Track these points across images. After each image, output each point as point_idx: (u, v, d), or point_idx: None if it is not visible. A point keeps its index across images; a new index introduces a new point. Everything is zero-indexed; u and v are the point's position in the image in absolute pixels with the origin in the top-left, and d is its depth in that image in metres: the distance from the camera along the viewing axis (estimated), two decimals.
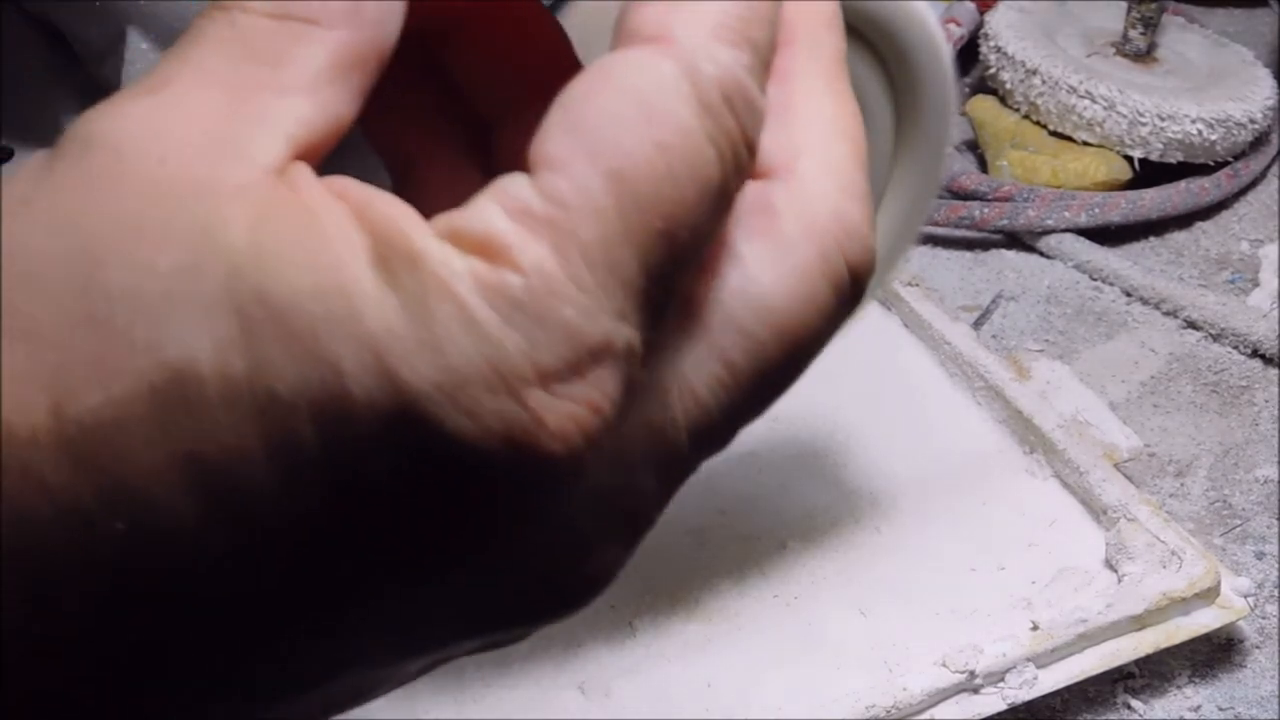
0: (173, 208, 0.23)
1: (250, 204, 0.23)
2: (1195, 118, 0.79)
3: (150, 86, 0.24)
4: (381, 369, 0.22)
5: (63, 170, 0.24)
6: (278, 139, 0.24)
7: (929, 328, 0.68)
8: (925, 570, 0.59)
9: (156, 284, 0.23)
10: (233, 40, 0.25)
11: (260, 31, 0.25)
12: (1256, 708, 0.57)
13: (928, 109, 0.50)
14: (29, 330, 0.23)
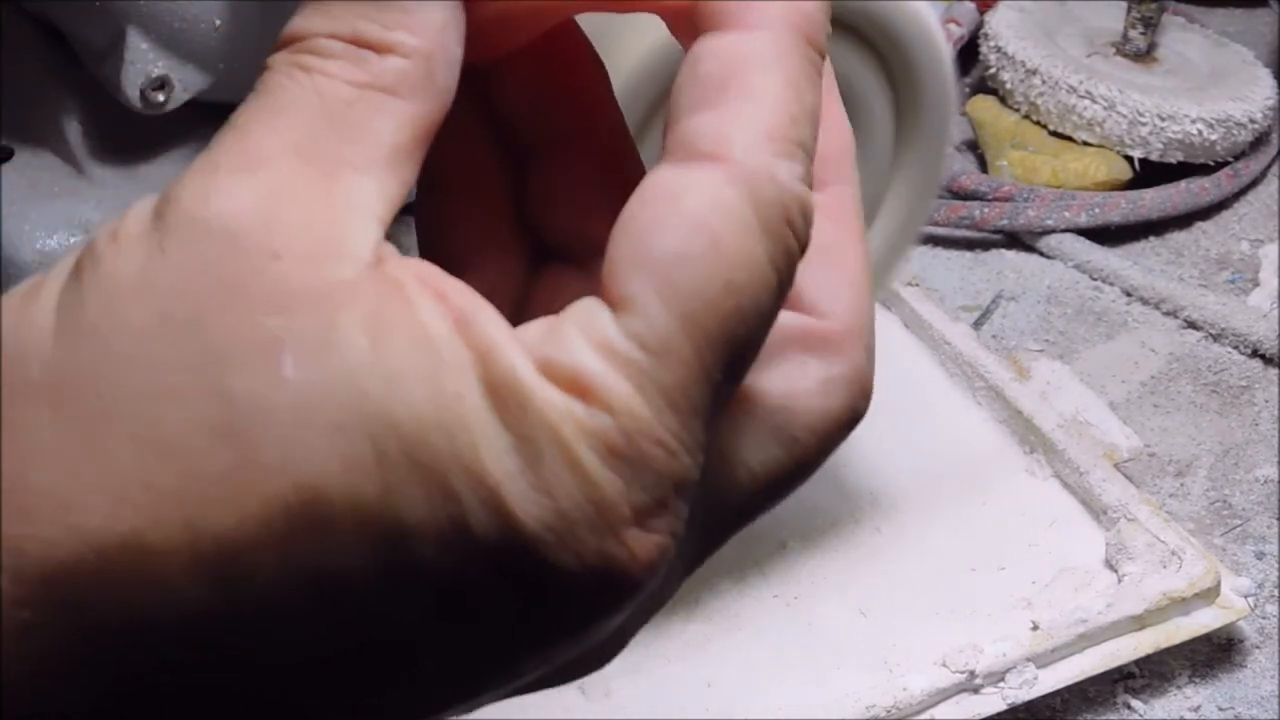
0: (293, 312, 0.24)
1: (364, 310, 0.24)
2: (1195, 118, 0.79)
3: (247, 162, 0.25)
4: (499, 507, 0.24)
5: (178, 256, 0.24)
6: (370, 226, 0.25)
7: (929, 328, 0.68)
8: (925, 570, 0.59)
9: (285, 396, 0.24)
10: (318, 109, 0.26)
11: (342, 101, 0.26)
12: (1256, 708, 0.57)
13: (928, 109, 0.50)
14: (159, 439, 0.24)
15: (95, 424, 0.24)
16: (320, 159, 0.25)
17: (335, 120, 0.26)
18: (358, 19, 0.26)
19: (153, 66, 0.69)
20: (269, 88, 0.26)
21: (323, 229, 0.25)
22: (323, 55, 0.26)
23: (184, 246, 0.24)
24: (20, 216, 0.71)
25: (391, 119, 0.26)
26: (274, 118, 0.26)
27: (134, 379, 0.24)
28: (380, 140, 0.26)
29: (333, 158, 0.25)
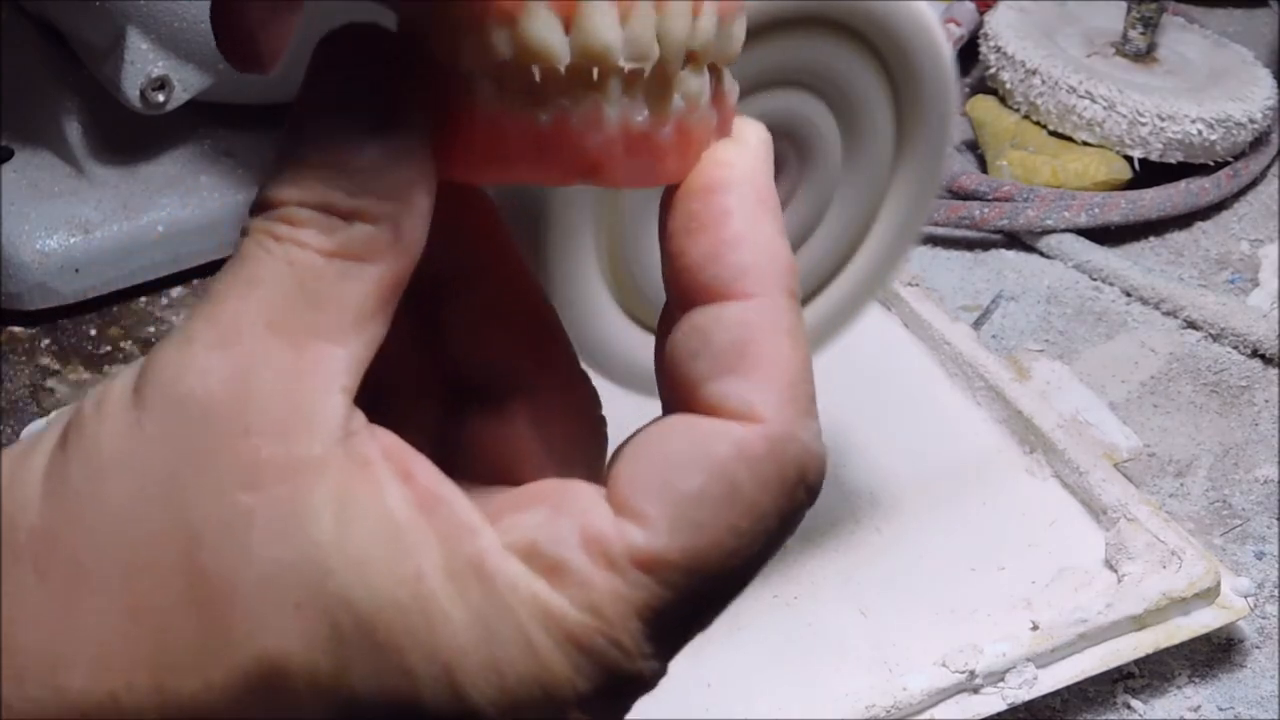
0: (263, 490, 0.25)
1: (331, 488, 0.26)
2: (1195, 118, 0.79)
3: (221, 336, 0.26)
4: (450, 682, 0.25)
5: (156, 432, 0.26)
6: (338, 398, 0.26)
7: (929, 328, 0.68)
8: (925, 570, 0.59)
9: (252, 572, 0.25)
10: (288, 280, 0.27)
11: (312, 270, 0.27)
12: (1256, 708, 0.57)
13: (928, 109, 0.50)
14: (135, 608, 0.25)
15: (78, 589, 0.25)
16: (290, 331, 0.26)
17: (305, 290, 0.27)
18: (327, 187, 0.27)
19: (153, 66, 0.69)
20: (244, 257, 0.27)
21: (292, 404, 0.26)
22: (294, 224, 0.27)
23: (161, 424, 0.26)
24: (20, 216, 0.71)
25: (359, 284, 0.27)
26: (247, 289, 0.27)
27: (113, 550, 0.26)
28: (348, 307, 0.27)
29: (302, 329, 0.27)
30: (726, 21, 0.30)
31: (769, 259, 0.29)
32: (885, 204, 0.52)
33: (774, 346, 0.28)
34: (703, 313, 0.28)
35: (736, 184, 0.29)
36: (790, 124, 0.48)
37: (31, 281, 0.71)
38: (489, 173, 0.29)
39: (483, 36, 0.28)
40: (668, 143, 0.29)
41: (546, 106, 0.28)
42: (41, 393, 0.68)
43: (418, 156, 0.28)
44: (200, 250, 0.73)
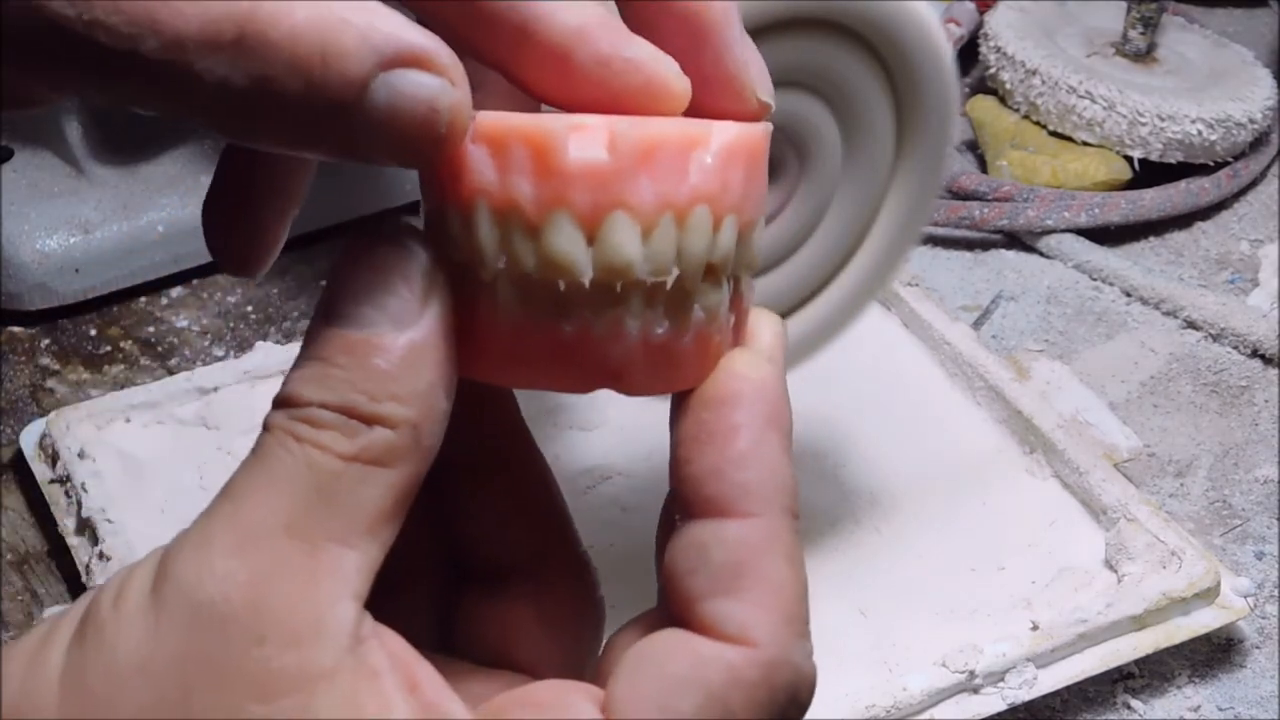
0: (275, 699, 0.26)
1: (340, 699, 0.26)
2: (1195, 118, 0.79)
3: (239, 540, 0.27)
4: None
5: (173, 637, 0.27)
6: (350, 605, 0.27)
7: (929, 328, 0.68)
8: (925, 570, 0.59)
9: None
10: (307, 483, 0.27)
11: (331, 474, 0.27)
12: (1256, 708, 0.57)
13: (928, 109, 0.50)
14: None
15: None
16: (307, 535, 0.27)
17: (323, 493, 0.27)
18: (350, 390, 0.28)
19: None
20: (264, 455, 0.28)
21: (306, 611, 0.27)
22: (315, 425, 0.28)
23: (178, 629, 0.27)
24: (20, 216, 0.71)
25: (376, 489, 0.28)
26: (266, 489, 0.27)
27: None
28: (364, 512, 0.27)
29: (319, 533, 0.27)
30: (746, 234, 0.30)
31: (772, 479, 0.29)
32: (885, 204, 0.52)
33: (771, 569, 0.29)
34: (704, 528, 0.29)
35: (748, 399, 0.30)
36: (790, 124, 0.48)
37: (31, 281, 0.71)
38: (509, 377, 0.30)
39: (507, 247, 0.29)
40: (687, 352, 0.30)
41: (569, 318, 0.29)
42: (41, 393, 0.68)
43: (441, 362, 0.28)
44: (200, 250, 0.72)
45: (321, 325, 0.28)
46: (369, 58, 0.27)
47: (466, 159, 0.29)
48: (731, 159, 0.29)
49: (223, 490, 0.28)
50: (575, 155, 0.28)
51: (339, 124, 0.27)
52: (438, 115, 0.28)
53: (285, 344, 0.68)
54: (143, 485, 0.61)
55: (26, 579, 0.60)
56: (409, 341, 0.28)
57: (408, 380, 0.28)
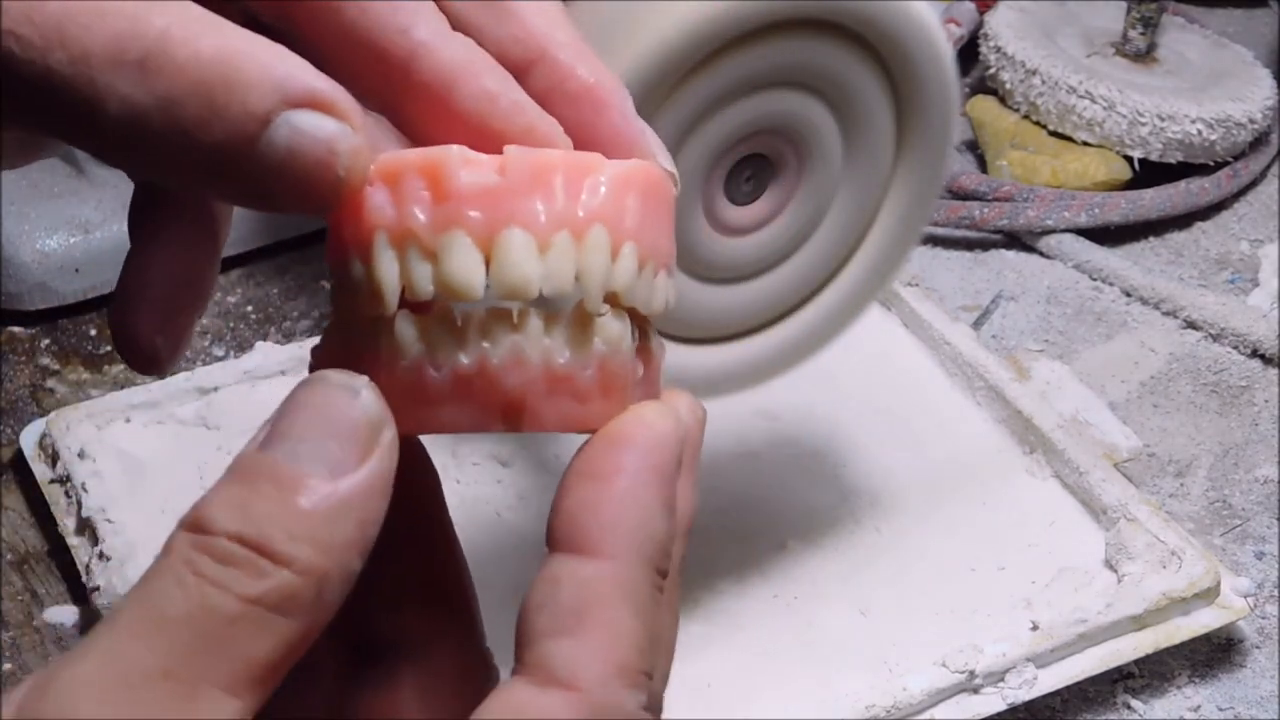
0: None
1: None
2: (1195, 118, 0.79)
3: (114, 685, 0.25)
4: None
5: None
6: None
7: (929, 328, 0.68)
8: (925, 570, 0.59)
9: None
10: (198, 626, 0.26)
11: (226, 618, 0.26)
12: (1256, 708, 0.57)
13: (928, 109, 0.50)
14: None
15: None
16: (188, 680, 0.26)
17: (214, 638, 0.26)
18: (268, 525, 0.26)
19: None
20: (157, 586, 0.26)
21: None
22: (222, 560, 0.26)
23: None
24: (20, 216, 0.71)
25: (270, 639, 0.26)
26: (151, 628, 0.26)
27: None
28: (254, 661, 0.26)
29: (201, 678, 0.26)
30: (645, 265, 0.30)
31: (640, 527, 0.28)
32: (885, 204, 0.52)
33: (613, 616, 0.28)
34: (560, 563, 0.28)
35: (640, 445, 0.29)
36: (791, 125, 0.48)
37: (31, 281, 0.71)
38: (412, 418, 0.29)
39: (406, 277, 0.29)
40: (590, 386, 0.29)
41: (467, 349, 0.29)
42: (41, 393, 0.68)
43: (364, 523, 0.28)
44: None
45: (256, 451, 0.28)
46: (272, 94, 0.27)
47: (365, 200, 0.29)
48: (627, 186, 0.29)
49: (106, 618, 0.27)
50: (467, 178, 0.28)
51: (240, 158, 0.27)
52: (336, 159, 0.28)
53: (285, 344, 0.68)
54: (143, 485, 0.61)
55: (26, 579, 0.60)
56: (337, 491, 0.27)
57: (327, 529, 0.27)
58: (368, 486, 0.28)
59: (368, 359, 0.29)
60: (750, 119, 0.47)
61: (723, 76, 0.45)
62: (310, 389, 0.28)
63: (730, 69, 0.45)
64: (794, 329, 0.53)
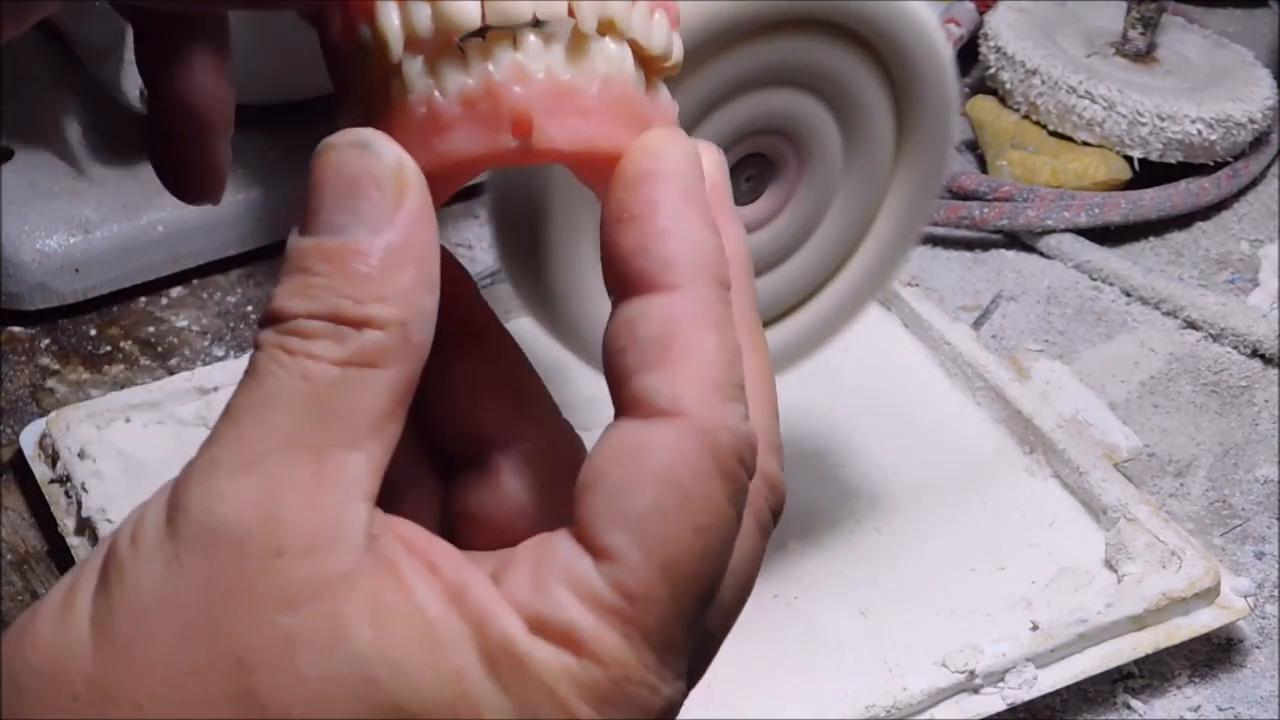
0: (301, 610, 0.26)
1: (364, 598, 0.27)
2: (1195, 118, 0.79)
3: (244, 460, 0.27)
4: None
5: (192, 565, 0.27)
6: (361, 506, 0.28)
7: (929, 328, 0.68)
8: (925, 570, 0.59)
9: (303, 693, 0.26)
10: (304, 395, 0.28)
11: (327, 381, 0.28)
12: (1256, 708, 0.57)
13: (928, 109, 0.50)
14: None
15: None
16: (310, 445, 0.27)
17: (322, 402, 0.28)
18: (334, 297, 0.28)
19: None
20: (259, 374, 0.28)
21: (318, 519, 0.27)
22: (305, 336, 0.28)
23: (196, 556, 0.27)
24: (20, 216, 0.71)
25: (373, 391, 0.28)
26: (265, 408, 0.28)
27: (168, 689, 0.26)
28: (364, 414, 0.28)
29: (322, 441, 0.27)
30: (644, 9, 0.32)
31: (695, 251, 0.30)
32: (885, 204, 0.52)
33: (696, 339, 0.29)
34: (631, 306, 0.30)
35: (664, 176, 0.30)
36: (790, 124, 0.48)
37: (31, 281, 0.70)
38: (429, 152, 0.30)
39: (406, 23, 0.30)
40: (595, 103, 0.31)
41: (470, 71, 0.30)
42: (41, 393, 0.68)
43: (421, 259, 0.29)
44: (200, 250, 0.73)
45: (298, 238, 0.29)
46: None
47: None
48: None
49: (223, 413, 0.28)
50: None
51: None
52: None
53: None
54: (143, 485, 0.61)
55: (26, 579, 0.60)
56: (386, 243, 0.28)
57: (390, 281, 0.28)
58: (410, 227, 0.29)
59: (381, 109, 0.31)
60: (750, 118, 0.47)
61: (722, 75, 0.45)
62: (323, 157, 0.29)
63: (729, 67, 0.45)
64: (793, 328, 0.53)
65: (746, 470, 0.29)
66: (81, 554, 0.58)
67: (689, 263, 0.29)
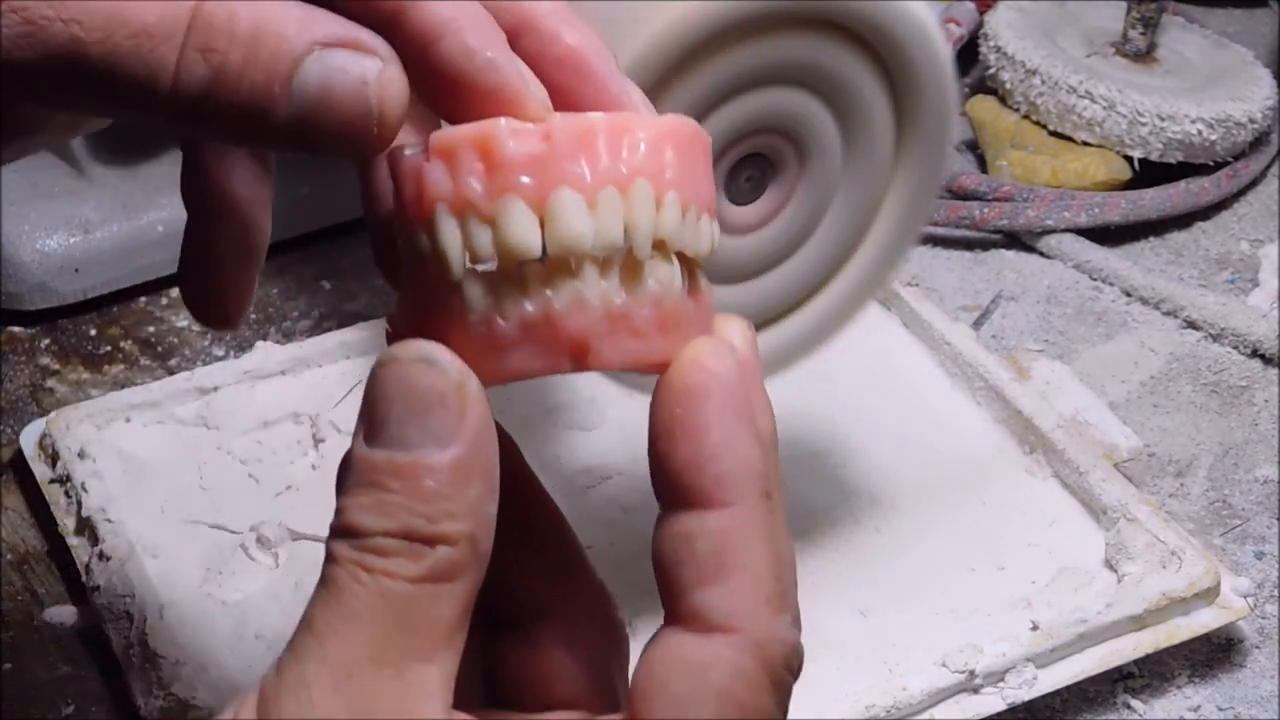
0: None
1: None
2: (1195, 118, 0.79)
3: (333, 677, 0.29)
4: None
5: None
6: (440, 713, 0.30)
7: (929, 328, 0.68)
8: (925, 570, 0.59)
9: None
10: (384, 612, 0.29)
11: (405, 598, 0.29)
12: (1256, 708, 0.57)
13: (927, 109, 0.50)
14: None
15: None
16: (393, 660, 0.29)
17: (400, 618, 0.29)
18: (408, 515, 0.30)
19: None
20: (338, 588, 0.30)
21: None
22: (382, 554, 0.29)
23: None
24: (20, 216, 0.71)
25: (446, 604, 0.30)
26: (346, 625, 0.29)
27: None
28: (440, 626, 0.30)
29: (403, 656, 0.29)
30: (688, 211, 0.33)
31: (745, 468, 0.31)
32: (885, 204, 0.52)
33: (749, 553, 0.31)
34: (685, 519, 0.31)
35: (716, 394, 0.31)
36: (790, 124, 0.48)
37: (31, 281, 0.71)
38: (489, 368, 0.31)
39: (468, 244, 0.31)
40: (648, 324, 0.32)
41: (531, 297, 0.31)
42: (41, 393, 0.68)
43: (486, 469, 0.30)
44: None
45: (367, 448, 0.30)
46: (304, 35, 0.30)
47: (425, 176, 0.31)
48: (664, 140, 0.32)
49: (304, 624, 0.30)
50: (516, 147, 0.31)
51: (276, 98, 0.30)
52: (367, 88, 0.30)
53: (285, 344, 0.68)
54: (143, 485, 0.61)
55: (26, 579, 0.60)
56: (454, 458, 0.30)
57: (459, 495, 0.30)
58: (475, 440, 0.30)
59: (440, 319, 0.32)
60: (749, 116, 0.47)
61: (721, 73, 0.45)
62: (388, 370, 0.31)
63: (729, 65, 0.45)
64: (793, 328, 0.53)
65: (792, 674, 0.31)
66: (81, 554, 0.58)
67: (740, 480, 0.31)
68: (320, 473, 0.62)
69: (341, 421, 0.63)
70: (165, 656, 0.53)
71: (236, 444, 0.62)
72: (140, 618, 0.54)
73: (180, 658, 0.53)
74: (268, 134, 0.30)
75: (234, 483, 0.61)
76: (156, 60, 0.29)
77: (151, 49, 0.29)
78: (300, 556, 0.58)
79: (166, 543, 0.58)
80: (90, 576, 0.57)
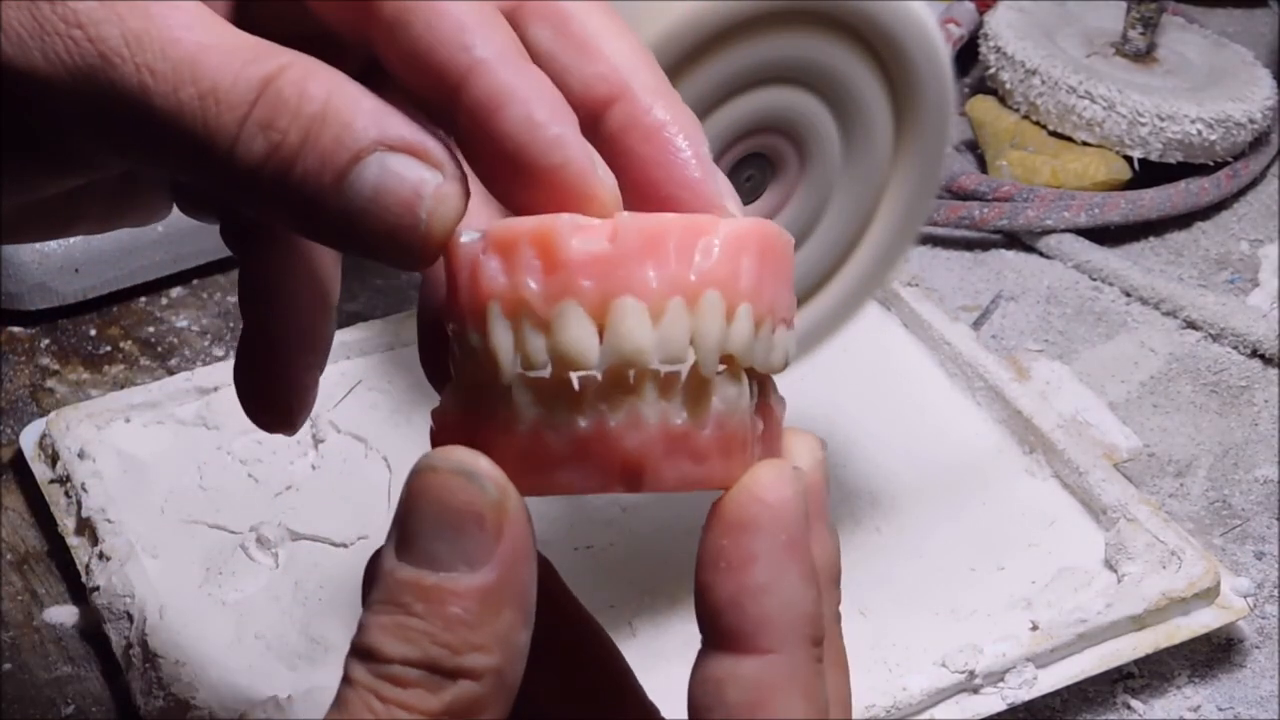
0: None
1: None
2: (1195, 118, 0.79)
3: None
4: None
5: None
6: None
7: (929, 328, 0.68)
8: (925, 570, 0.59)
9: None
10: None
11: None
12: (1256, 708, 0.57)
13: (927, 109, 0.50)
14: None
15: None
16: None
17: None
18: (431, 644, 0.27)
19: None
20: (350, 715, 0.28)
21: None
22: (400, 684, 0.27)
23: None
24: None
25: None
26: None
27: None
28: None
29: None
30: (763, 324, 0.30)
31: (790, 611, 0.29)
32: (884, 203, 0.52)
33: (785, 708, 0.28)
34: (722, 662, 0.29)
35: (767, 526, 0.29)
36: (790, 122, 0.48)
37: (31, 281, 0.71)
38: (533, 480, 0.29)
39: (520, 347, 0.29)
40: (709, 446, 0.29)
41: (585, 413, 0.29)
42: (41, 393, 0.68)
43: (520, 595, 0.28)
44: (200, 250, 0.73)
45: (396, 560, 0.28)
46: (369, 132, 0.28)
47: (480, 269, 0.29)
48: (741, 247, 0.29)
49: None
50: (579, 246, 0.28)
51: (329, 192, 0.28)
52: (420, 202, 0.28)
53: None
54: (143, 485, 0.61)
55: (26, 579, 0.60)
56: (484, 584, 0.28)
57: (487, 626, 0.28)
58: (509, 564, 0.28)
59: (486, 421, 0.29)
60: (750, 115, 0.47)
61: (722, 72, 0.46)
62: (424, 479, 0.28)
63: (729, 64, 0.45)
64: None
65: None
66: (81, 554, 0.58)
67: (784, 624, 0.29)
68: (320, 473, 0.62)
69: (341, 421, 0.63)
70: (165, 656, 0.53)
71: (236, 444, 0.62)
72: (140, 618, 0.54)
73: (180, 658, 0.53)
74: (313, 224, 0.29)
75: (234, 483, 0.61)
76: (218, 126, 0.28)
77: (216, 113, 0.28)
78: (300, 557, 0.58)
79: (166, 543, 0.58)
80: (90, 576, 0.57)
